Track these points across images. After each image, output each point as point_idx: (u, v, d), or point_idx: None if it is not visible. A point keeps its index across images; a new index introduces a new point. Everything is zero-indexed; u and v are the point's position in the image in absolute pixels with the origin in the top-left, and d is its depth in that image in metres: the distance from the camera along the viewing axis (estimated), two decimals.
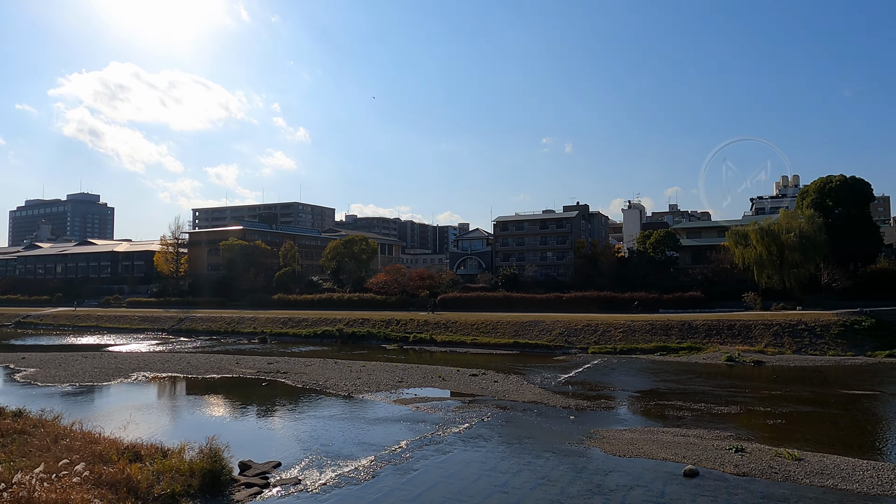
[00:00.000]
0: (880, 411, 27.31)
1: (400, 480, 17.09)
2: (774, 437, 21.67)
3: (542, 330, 54.30)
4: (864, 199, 70.81)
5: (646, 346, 48.42)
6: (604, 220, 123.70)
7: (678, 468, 17.60)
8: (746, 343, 46.58)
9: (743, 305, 60.45)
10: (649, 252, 77.55)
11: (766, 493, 15.61)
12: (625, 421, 25.35)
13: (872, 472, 17.00)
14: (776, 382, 33.81)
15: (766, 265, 59.10)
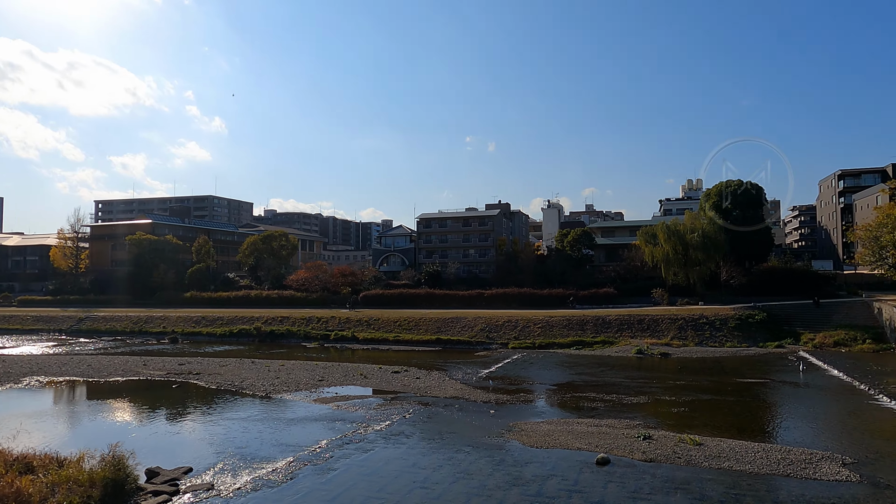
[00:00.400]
0: (769, 397, 29.76)
1: (319, 481, 16.78)
2: (678, 425, 23.10)
3: (464, 326, 55.01)
4: (758, 203, 76.94)
5: (563, 340, 50.20)
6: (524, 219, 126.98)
7: (591, 457, 18.40)
8: (654, 336, 49.33)
9: (652, 301, 63.98)
10: (567, 250, 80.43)
11: (669, 477, 16.62)
12: (542, 413, 26.17)
13: (762, 454, 18.52)
14: (680, 373, 36.06)
15: (673, 263, 62.91)
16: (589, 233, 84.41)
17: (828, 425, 23.58)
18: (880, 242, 55.95)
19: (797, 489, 15.57)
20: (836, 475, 16.53)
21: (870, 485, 15.83)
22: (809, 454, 18.51)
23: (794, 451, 18.94)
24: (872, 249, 57.31)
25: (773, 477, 16.57)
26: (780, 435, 22.37)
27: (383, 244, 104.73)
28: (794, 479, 16.38)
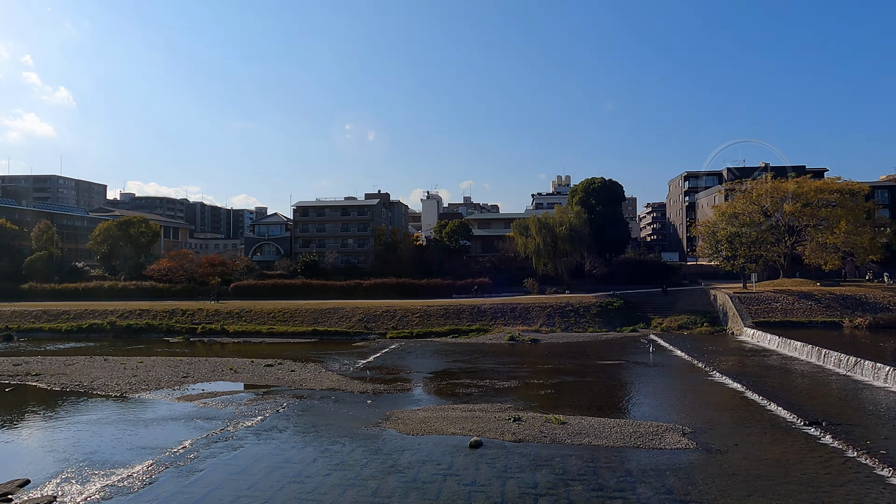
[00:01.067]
0: (625, 377, 32.60)
1: (182, 483, 15.72)
2: (546, 406, 24.56)
3: (342, 317, 54.23)
4: (618, 199, 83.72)
5: (440, 329, 51.25)
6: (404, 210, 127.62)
7: (465, 441, 19.00)
8: (526, 324, 51.95)
9: (524, 290, 67.28)
10: (445, 241, 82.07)
11: (536, 455, 17.63)
12: (419, 401, 26.56)
13: (617, 429, 20.24)
14: (549, 357, 38.34)
15: (543, 254, 66.63)
16: (466, 224, 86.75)
17: (672, 400, 26.31)
18: (716, 237, 63.25)
19: (645, 459, 17.21)
20: (678, 444, 18.52)
21: (704, 451, 17.92)
22: (656, 426, 20.54)
23: (644, 424, 20.93)
24: (710, 243, 64.61)
25: (625, 449, 18.18)
26: (633, 411, 24.59)
27: (257, 233, 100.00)
28: (643, 449, 18.10)
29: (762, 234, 60.30)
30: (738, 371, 31.14)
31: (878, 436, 18.88)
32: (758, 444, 18.60)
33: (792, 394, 25.45)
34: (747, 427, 20.67)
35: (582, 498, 14.16)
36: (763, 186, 62.93)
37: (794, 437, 19.25)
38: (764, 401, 24.16)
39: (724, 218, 63.01)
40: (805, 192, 59.72)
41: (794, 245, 60.56)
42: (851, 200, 60.94)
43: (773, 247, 60.53)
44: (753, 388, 26.44)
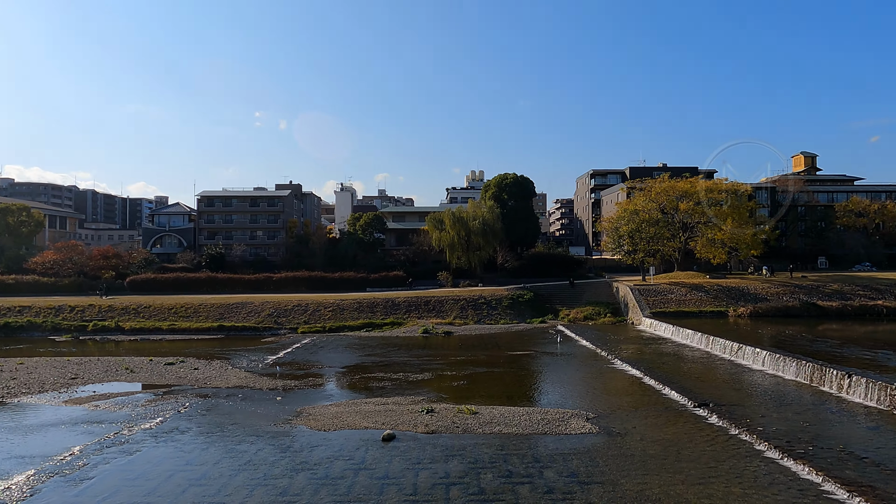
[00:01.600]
0: (534, 367, 33.75)
1: (69, 493, 14.52)
2: (458, 397, 24.93)
3: (250, 312, 52.26)
4: (529, 195, 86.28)
5: (354, 323, 50.65)
6: (317, 201, 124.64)
7: (378, 434, 18.91)
8: (439, 316, 52.47)
9: (438, 283, 67.86)
10: (359, 234, 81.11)
11: (449, 445, 17.87)
12: (331, 396, 26.11)
13: (526, 417, 20.92)
14: (462, 349, 38.94)
15: (457, 247, 67.52)
16: (381, 217, 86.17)
17: (577, 387, 27.55)
18: (619, 232, 66.84)
19: (552, 444, 17.91)
20: (582, 429, 19.42)
21: (606, 434, 18.91)
22: (562, 413, 21.43)
23: (551, 411, 21.77)
24: (613, 238, 68.20)
25: (534, 436, 18.83)
26: (541, 399, 25.50)
27: (157, 223, 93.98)
28: (551, 435, 18.83)
29: (659, 230, 64.38)
30: (636, 358, 33.10)
31: (756, 414, 20.74)
32: (653, 426, 19.88)
33: (684, 378, 27.40)
34: (644, 410, 22.04)
35: (492, 485, 14.51)
36: (661, 185, 67.17)
37: (686, 419, 20.75)
38: (659, 385, 25.84)
39: (626, 215, 66.67)
40: (697, 192, 64.36)
41: (687, 240, 65.15)
42: (737, 200, 66.40)
43: (669, 242, 64.82)
44: (650, 374, 28.22)
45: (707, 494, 13.76)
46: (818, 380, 24.96)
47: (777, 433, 18.21)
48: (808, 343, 35.52)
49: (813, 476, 14.67)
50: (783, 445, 16.90)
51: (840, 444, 17.05)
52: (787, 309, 50.88)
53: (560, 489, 14.17)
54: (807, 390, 24.36)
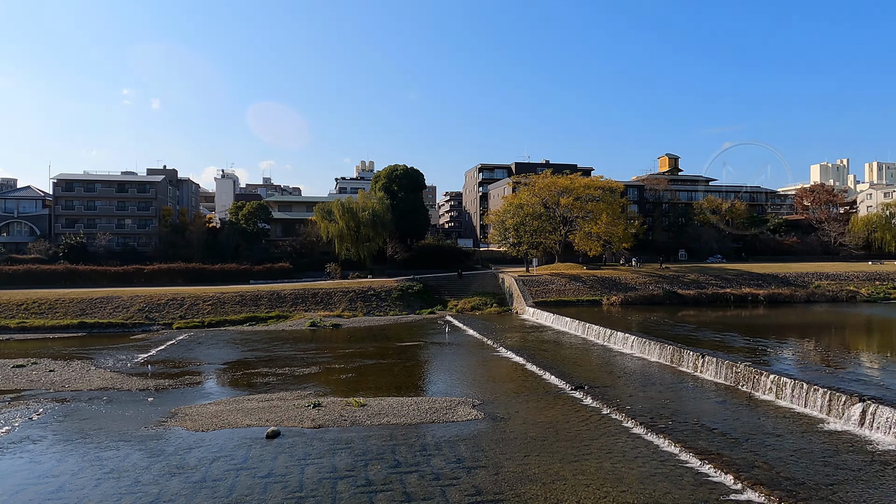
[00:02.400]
0: (422, 357, 34.13)
1: None
2: (347, 390, 24.63)
3: (117, 307, 48.04)
4: (420, 187, 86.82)
5: (236, 317, 48.28)
6: (195, 188, 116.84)
7: (262, 432, 18.21)
8: (328, 309, 51.44)
9: (326, 275, 66.44)
10: (242, 223, 77.26)
11: (336, 439, 17.61)
12: (211, 395, 24.73)
13: (414, 406, 21.14)
14: (350, 342, 38.47)
15: (347, 239, 66.44)
16: (266, 206, 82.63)
17: (464, 375, 28.27)
18: (505, 225, 69.28)
19: (440, 432, 18.25)
20: (468, 416, 19.97)
21: (490, 419, 19.60)
22: (450, 401, 21.90)
23: (439, 400, 22.17)
24: (499, 231, 70.58)
25: (422, 425, 19.07)
26: (430, 388, 25.88)
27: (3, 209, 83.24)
28: (438, 423, 19.17)
29: (542, 224, 67.60)
30: (520, 346, 34.59)
31: (625, 395, 22.49)
32: (534, 410, 20.91)
33: (563, 364, 29.05)
34: (526, 395, 23.11)
35: (380, 476, 14.51)
36: (543, 181, 70.49)
37: (563, 401, 22.03)
38: (540, 371, 27.20)
39: (512, 208, 69.25)
40: (576, 188, 68.29)
41: (567, 234, 68.97)
42: (611, 196, 71.33)
43: (551, 235, 68.26)
44: (532, 360, 29.61)
45: (581, 471, 14.72)
46: (677, 361, 27.55)
47: (642, 411, 19.87)
48: (670, 328, 39.09)
49: (672, 448, 16.19)
50: (647, 422, 18.48)
51: (695, 418, 18.96)
52: (652, 297, 55.63)
53: (447, 475, 14.48)
54: (668, 371, 26.80)
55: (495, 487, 13.70)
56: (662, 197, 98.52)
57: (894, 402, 17.46)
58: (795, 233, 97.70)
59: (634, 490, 13.43)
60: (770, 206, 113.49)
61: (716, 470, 14.37)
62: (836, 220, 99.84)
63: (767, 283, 60.81)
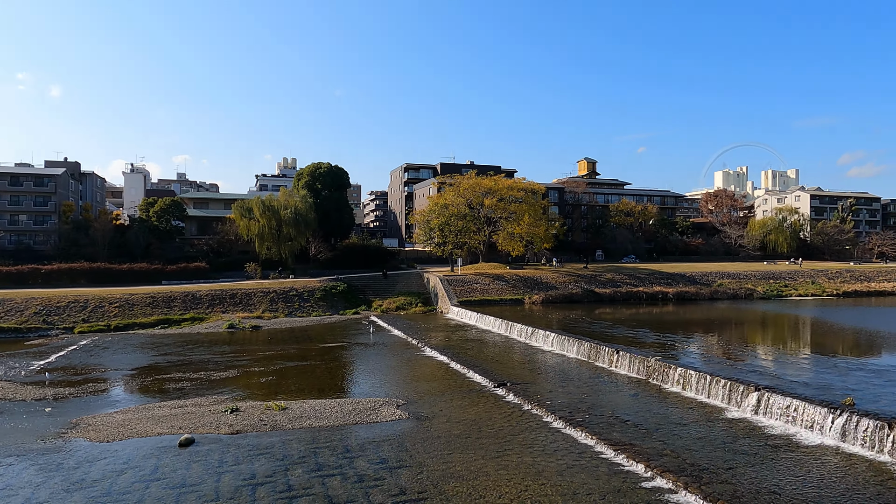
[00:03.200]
0: (346, 358, 33.66)
1: None
2: (267, 393, 23.87)
3: (9, 310, 44.17)
4: (344, 185, 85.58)
5: (146, 320, 45.65)
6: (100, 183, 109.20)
7: (174, 440, 17.30)
8: (247, 310, 49.65)
9: (245, 275, 64.12)
10: (153, 221, 73.14)
11: (255, 444, 17.02)
12: (117, 402, 23.23)
13: (337, 408, 20.81)
14: (271, 343, 37.32)
15: (268, 238, 64.41)
16: (180, 203, 78.65)
17: (389, 376, 28.13)
18: (430, 225, 69.57)
19: (364, 433, 18.07)
20: (392, 416, 19.90)
21: (414, 419, 19.62)
22: (374, 402, 21.73)
23: (363, 401, 21.94)
24: (425, 231, 70.79)
25: (345, 427, 18.80)
26: (353, 389, 25.56)
27: None
28: (362, 425, 18.97)
29: (467, 224, 68.45)
30: (444, 345, 34.85)
31: (545, 391, 23.17)
32: (458, 408, 21.13)
33: (486, 362, 29.54)
34: (450, 394, 23.32)
35: (301, 480, 14.17)
36: (468, 182, 71.41)
37: (487, 399, 22.40)
38: (464, 370, 27.53)
39: (437, 208, 69.66)
40: (500, 189, 69.67)
41: (491, 234, 70.21)
42: (533, 198, 73.31)
43: (475, 235, 69.24)
44: (456, 359, 29.91)
45: (503, 466, 15.03)
46: (594, 357, 28.72)
47: (561, 405, 20.55)
48: (588, 325, 40.68)
49: (589, 440, 16.85)
50: (566, 416, 19.13)
51: (610, 411, 19.83)
52: (571, 296, 57.67)
53: (370, 476, 14.35)
54: (586, 366, 27.87)
55: (419, 486, 13.73)
56: (581, 199, 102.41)
57: (785, 390, 19.04)
58: (701, 234, 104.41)
59: (553, 482, 13.87)
60: (679, 209, 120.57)
61: (629, 460, 15.10)
62: (736, 223, 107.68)
63: (676, 281, 64.59)
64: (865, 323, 43.21)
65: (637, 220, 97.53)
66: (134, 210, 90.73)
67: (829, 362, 26.85)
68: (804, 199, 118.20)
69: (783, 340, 35.72)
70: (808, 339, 36.17)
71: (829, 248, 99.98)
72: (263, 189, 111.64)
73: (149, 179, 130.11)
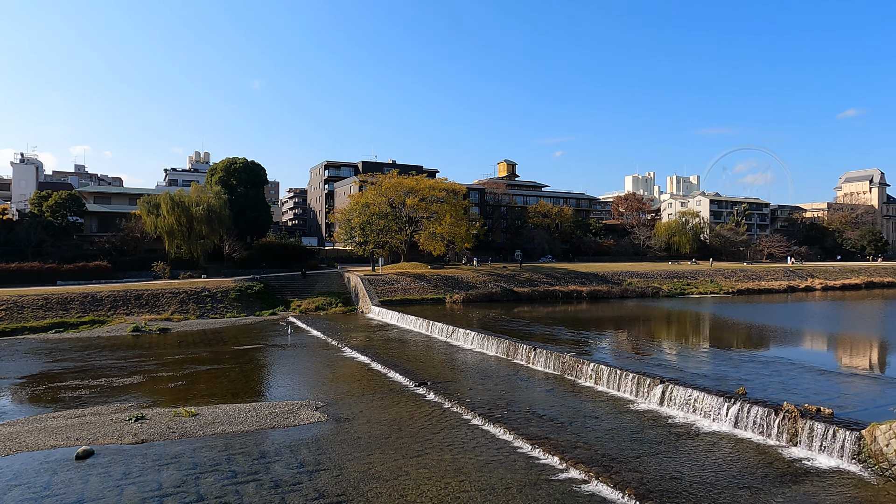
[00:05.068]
0: (263, 360, 32.54)
1: None
2: (176, 399, 22.65)
3: None
4: (261, 182, 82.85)
5: (38, 323, 42.07)
6: None
7: (70, 452, 16.06)
8: (154, 312, 46.91)
9: (153, 275, 60.58)
10: (47, 216, 67.42)
11: (162, 453, 16.11)
12: (4, 414, 21.22)
13: (253, 412, 20.10)
14: (181, 347, 35.45)
15: (177, 235, 61.15)
16: (78, 197, 72.98)
17: (307, 377, 27.50)
18: (351, 224, 68.70)
19: (281, 437, 17.55)
20: (311, 418, 19.47)
21: (334, 421, 19.30)
22: (291, 405, 21.17)
23: (280, 404, 21.32)
24: (345, 230, 69.82)
25: (261, 431, 18.19)
26: (270, 392, 24.76)
27: None
28: (279, 429, 18.43)
29: (388, 223, 68.14)
30: (365, 345, 34.52)
31: (465, 388, 23.50)
32: (379, 408, 21.00)
33: (407, 361, 29.54)
34: (371, 395, 23.13)
35: (214, 489, 13.57)
36: (390, 181, 71.11)
37: (407, 398, 22.41)
38: (385, 370, 27.40)
39: (358, 207, 68.88)
40: (421, 189, 69.89)
41: (412, 234, 70.27)
42: (454, 198, 74.08)
43: (397, 235, 69.07)
44: (377, 359, 29.72)
45: (423, 464, 15.10)
46: (513, 354, 29.44)
47: (481, 403, 20.92)
48: (507, 323, 41.64)
49: (507, 436, 17.26)
50: (485, 413, 19.50)
51: (527, 407, 20.40)
52: (491, 295, 58.81)
53: (287, 481, 13.97)
54: (504, 364, 28.52)
55: (338, 489, 13.52)
56: (501, 200, 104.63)
57: (687, 382, 20.37)
58: (613, 236, 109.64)
59: (472, 479, 14.09)
60: (593, 211, 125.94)
61: (544, 453, 15.61)
62: (644, 225, 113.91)
63: (590, 280, 67.44)
64: (756, 318, 47.03)
65: (554, 222, 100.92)
66: (24, 204, 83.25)
67: (725, 355, 29.00)
68: (704, 203, 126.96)
69: (685, 335, 38.18)
70: (707, 334, 38.87)
71: (726, 250, 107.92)
72: (173, 184, 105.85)
73: (42, 171, 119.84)
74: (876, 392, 20.57)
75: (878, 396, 19.60)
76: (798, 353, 30.64)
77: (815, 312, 53.29)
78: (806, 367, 24.87)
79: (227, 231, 67.33)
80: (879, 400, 18.85)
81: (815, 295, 70.81)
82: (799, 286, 76.02)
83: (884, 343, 34.95)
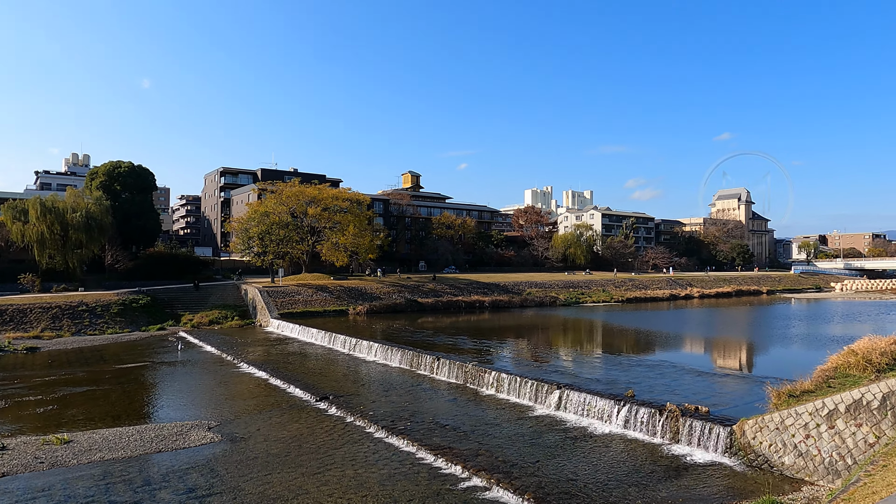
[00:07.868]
0: (150, 379, 30.24)
1: None
2: (46, 426, 20.44)
3: None
4: (149, 188, 77.54)
5: None
6: None
7: None
8: (20, 329, 42.33)
9: (20, 288, 54.66)
10: None
11: (28, 487, 14.47)
12: None
13: (137, 436, 18.58)
14: (52, 367, 32.14)
15: (49, 244, 55.66)
16: None
17: (200, 396, 25.86)
18: (249, 233, 65.92)
19: (168, 461, 16.34)
20: (203, 439, 18.31)
21: (228, 441, 18.27)
22: (181, 426, 19.80)
23: (168, 426, 19.88)
24: (243, 239, 66.89)
25: (146, 456, 16.84)
26: (157, 413, 23.01)
27: None
28: (167, 452, 17.16)
29: (289, 233, 66.10)
30: (263, 360, 33.10)
31: (368, 401, 23.16)
32: (277, 425, 20.16)
33: (308, 375, 28.66)
34: (269, 411, 22.17)
35: None
36: (292, 190, 69.10)
37: (308, 413, 21.71)
38: (285, 385, 26.40)
39: (257, 216, 66.25)
40: (324, 199, 68.52)
41: (315, 244, 68.60)
42: (358, 209, 73.28)
43: (299, 245, 67.13)
44: (276, 374, 28.58)
45: (324, 481, 14.65)
46: (416, 365, 29.44)
47: (384, 415, 20.69)
48: (410, 334, 41.61)
49: (410, 447, 17.18)
50: (388, 425, 19.30)
51: (430, 417, 20.44)
52: (395, 305, 58.59)
53: None
54: (408, 375, 28.44)
55: None
56: (406, 211, 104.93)
57: (581, 387, 21.35)
58: (513, 247, 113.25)
59: (375, 493, 13.86)
60: (495, 223, 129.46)
61: (447, 463, 15.69)
62: (542, 237, 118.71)
63: (492, 291, 69.12)
64: (643, 325, 50.36)
65: (457, 233, 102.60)
66: None
67: (615, 360, 30.75)
68: (597, 217, 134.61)
69: (580, 342, 40.08)
70: (599, 341, 41.05)
71: (617, 261, 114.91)
72: (46, 188, 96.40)
73: None
74: (745, 390, 22.65)
75: (746, 394, 21.59)
76: (680, 356, 33.12)
77: (693, 318, 58.00)
78: (686, 369, 26.94)
79: (110, 240, 62.23)
80: (748, 397, 20.77)
81: (693, 302, 77.13)
82: (679, 294, 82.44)
83: (751, 345, 38.67)
